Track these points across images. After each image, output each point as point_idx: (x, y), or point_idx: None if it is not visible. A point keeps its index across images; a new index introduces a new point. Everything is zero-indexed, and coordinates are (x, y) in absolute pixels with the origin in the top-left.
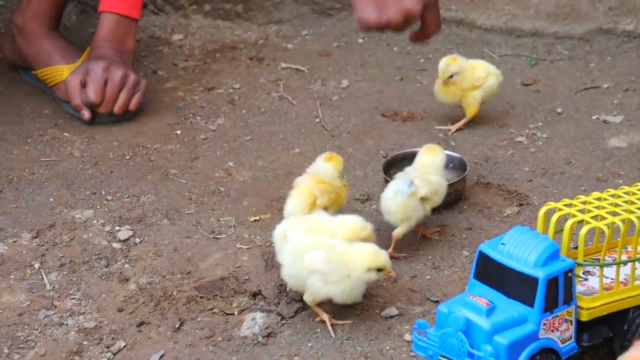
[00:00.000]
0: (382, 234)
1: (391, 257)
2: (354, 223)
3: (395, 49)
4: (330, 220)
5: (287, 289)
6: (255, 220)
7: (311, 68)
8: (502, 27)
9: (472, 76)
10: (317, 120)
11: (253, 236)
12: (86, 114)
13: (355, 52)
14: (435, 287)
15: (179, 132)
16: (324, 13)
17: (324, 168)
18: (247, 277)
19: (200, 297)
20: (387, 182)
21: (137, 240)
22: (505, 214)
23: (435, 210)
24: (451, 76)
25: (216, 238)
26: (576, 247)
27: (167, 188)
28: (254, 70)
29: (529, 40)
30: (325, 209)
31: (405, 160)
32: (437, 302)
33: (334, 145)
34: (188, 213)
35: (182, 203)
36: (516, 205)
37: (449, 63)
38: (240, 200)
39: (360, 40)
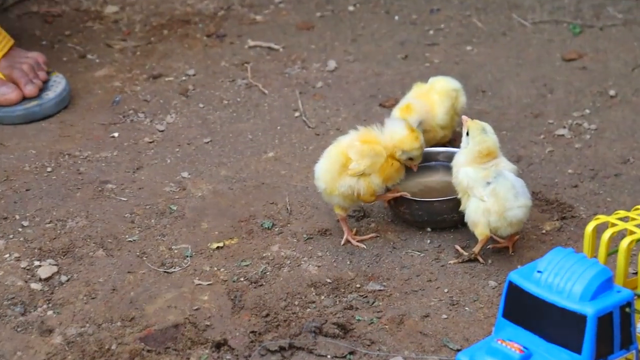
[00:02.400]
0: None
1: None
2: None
3: (396, 17)
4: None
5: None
6: (218, 247)
7: (287, 46)
8: None
9: (435, 115)
10: (297, 114)
11: (215, 268)
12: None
13: (344, 23)
14: (454, 330)
15: (116, 134)
16: None
17: (392, 126)
18: (208, 323)
19: (148, 351)
20: (387, 190)
21: (64, 278)
22: (544, 231)
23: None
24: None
25: (167, 272)
26: (636, 273)
27: (101, 208)
28: (212, 51)
29: (571, 1)
30: (365, 177)
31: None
32: (456, 350)
33: (318, 147)
34: (130, 241)
35: (123, 228)
36: (557, 219)
37: (402, 119)
38: (197, 221)
39: (351, 8)
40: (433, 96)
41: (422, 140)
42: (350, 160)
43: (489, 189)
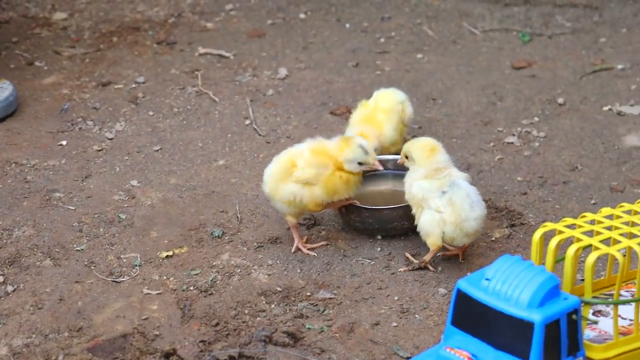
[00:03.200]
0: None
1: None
2: None
3: (347, 25)
4: None
5: None
6: (167, 256)
7: (238, 53)
8: None
9: (384, 135)
10: (248, 122)
11: (165, 277)
12: None
13: (295, 31)
14: (404, 337)
15: (64, 142)
16: None
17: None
18: (157, 333)
19: None
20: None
21: (10, 288)
22: (493, 238)
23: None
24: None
25: (116, 282)
26: (583, 280)
27: (49, 217)
28: (162, 59)
29: (521, 10)
30: (309, 186)
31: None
32: (406, 358)
33: (269, 155)
34: (78, 250)
35: (70, 237)
36: (506, 227)
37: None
38: (147, 230)
39: (302, 16)
40: (379, 116)
41: (358, 142)
42: (296, 168)
43: (445, 199)
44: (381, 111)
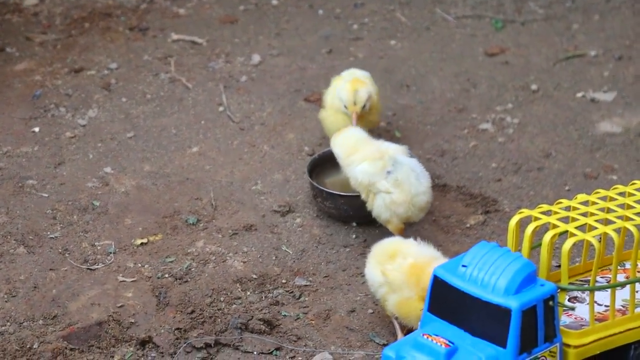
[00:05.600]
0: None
1: None
2: None
3: (320, 12)
4: None
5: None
6: (142, 243)
7: (211, 40)
8: None
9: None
10: (221, 108)
11: (140, 265)
12: None
13: (268, 17)
14: (380, 324)
15: (36, 129)
16: None
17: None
18: (132, 320)
19: (71, 350)
20: (314, 188)
21: None
22: (468, 225)
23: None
24: (364, 106)
25: (90, 269)
26: (559, 267)
27: (22, 205)
28: (135, 45)
29: None
30: None
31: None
32: (383, 345)
33: (243, 141)
34: (52, 237)
35: (44, 224)
36: (481, 213)
37: (357, 89)
38: (121, 217)
39: (275, 2)
40: (363, 80)
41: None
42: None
43: (391, 179)
44: (363, 78)
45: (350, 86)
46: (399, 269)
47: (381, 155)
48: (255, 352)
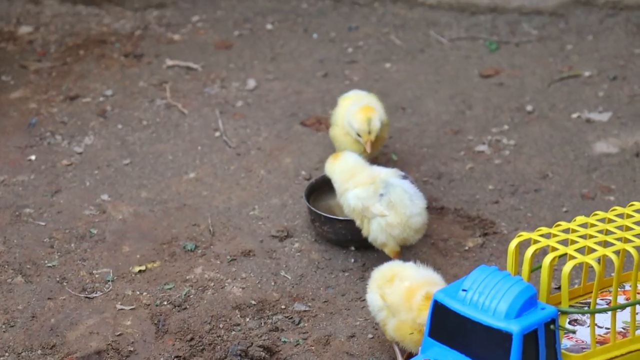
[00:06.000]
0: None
1: None
2: None
3: (315, 35)
4: None
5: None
6: (140, 271)
7: (206, 65)
8: (451, 2)
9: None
10: (217, 134)
11: (138, 292)
12: None
13: (262, 41)
14: (380, 349)
15: (33, 157)
16: None
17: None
18: (132, 349)
19: None
20: (311, 212)
21: None
22: (466, 248)
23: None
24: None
25: (88, 298)
26: (559, 289)
27: (19, 234)
28: (130, 71)
29: (487, 18)
30: None
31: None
32: None
33: (240, 167)
34: (49, 266)
35: (41, 253)
36: (480, 236)
37: (370, 118)
38: (119, 245)
39: (269, 26)
40: (370, 102)
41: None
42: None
43: (384, 202)
44: (369, 98)
45: (362, 115)
46: (397, 292)
47: (372, 179)
48: None
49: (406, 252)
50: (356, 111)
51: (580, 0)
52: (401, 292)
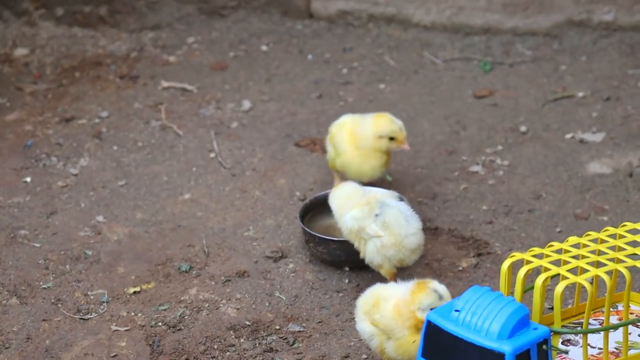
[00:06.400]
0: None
1: None
2: None
3: (310, 57)
4: None
5: None
6: (135, 292)
7: (201, 87)
8: (445, 23)
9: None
10: (212, 155)
11: (133, 314)
12: None
13: (257, 63)
14: None
15: (28, 179)
16: (214, 14)
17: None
18: None
19: None
20: (306, 233)
21: None
22: (460, 268)
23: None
24: (392, 138)
25: (83, 319)
26: (551, 309)
27: (14, 255)
28: (125, 93)
29: (481, 39)
30: None
31: (328, 203)
32: None
33: (235, 187)
34: (44, 287)
35: (36, 274)
36: (473, 256)
37: (392, 118)
38: (114, 266)
39: (264, 48)
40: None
41: (432, 286)
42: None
43: (379, 222)
44: (370, 118)
45: (383, 119)
46: (385, 314)
47: (368, 200)
48: None
49: (401, 273)
50: (373, 121)
51: (574, 21)
52: (389, 313)
